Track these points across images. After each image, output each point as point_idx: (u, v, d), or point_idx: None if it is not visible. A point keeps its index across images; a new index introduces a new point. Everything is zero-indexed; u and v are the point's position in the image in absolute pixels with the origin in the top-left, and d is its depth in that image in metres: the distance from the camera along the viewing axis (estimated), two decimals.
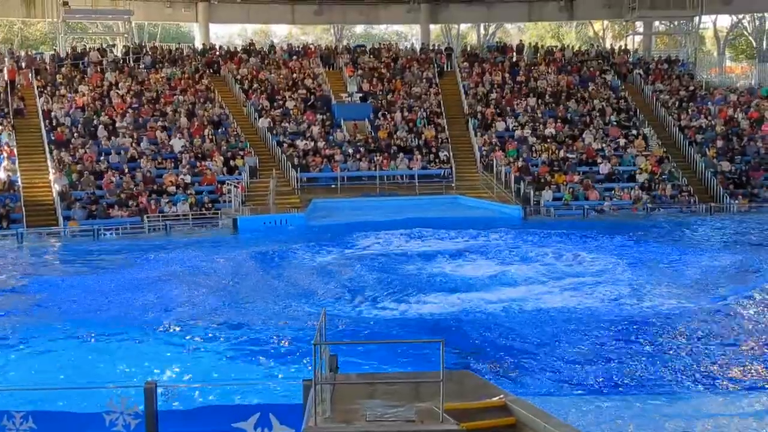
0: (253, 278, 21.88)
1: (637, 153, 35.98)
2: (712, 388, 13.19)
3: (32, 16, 45.07)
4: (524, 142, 36.57)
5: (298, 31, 68.45)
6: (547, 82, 41.51)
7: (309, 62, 42.42)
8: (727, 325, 16.66)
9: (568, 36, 71.67)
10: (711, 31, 66.82)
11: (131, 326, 16.93)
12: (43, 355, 15.10)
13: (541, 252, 24.65)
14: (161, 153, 33.71)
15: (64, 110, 35.17)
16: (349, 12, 49.52)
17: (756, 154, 36.01)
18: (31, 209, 29.80)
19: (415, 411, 8.15)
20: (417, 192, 33.90)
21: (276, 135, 36.18)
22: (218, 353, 15.15)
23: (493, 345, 15.33)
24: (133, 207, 29.94)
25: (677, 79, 43.06)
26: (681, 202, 32.99)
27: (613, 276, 21.36)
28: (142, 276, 22.10)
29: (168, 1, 45.98)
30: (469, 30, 72.03)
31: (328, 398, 8.49)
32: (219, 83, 40.16)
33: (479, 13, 50.49)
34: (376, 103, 39.25)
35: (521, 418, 8.15)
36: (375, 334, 16.01)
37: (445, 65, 43.93)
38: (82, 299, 19.50)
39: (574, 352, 14.80)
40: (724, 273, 21.81)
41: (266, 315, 17.95)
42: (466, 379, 9.55)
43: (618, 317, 17.22)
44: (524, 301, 18.71)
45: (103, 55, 40.90)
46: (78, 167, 31.66)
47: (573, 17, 53.28)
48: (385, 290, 19.90)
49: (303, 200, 32.47)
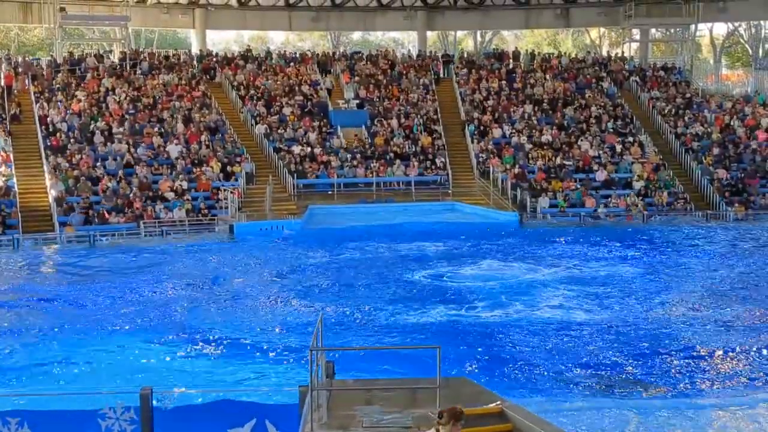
0: (250, 284, 21.85)
1: (634, 160, 36.00)
2: (711, 394, 13.20)
3: (29, 22, 44.96)
4: (521, 149, 36.58)
5: (295, 37, 68.52)
6: (543, 89, 41.55)
7: (306, 68, 42.45)
8: (727, 332, 16.66)
9: (564, 43, 71.85)
10: (707, 39, 66.95)
11: (126, 331, 16.89)
12: (37, 361, 15.04)
13: (538, 259, 24.67)
14: (158, 159, 33.67)
15: (60, 116, 35.12)
16: (346, 19, 49.59)
17: (752, 162, 36.04)
18: (28, 215, 29.69)
19: (411, 417, 8.14)
20: (414, 198, 33.85)
21: (272, 141, 36.16)
22: (214, 359, 15.11)
23: (491, 351, 15.31)
24: (129, 213, 29.90)
25: (673, 86, 43.12)
26: (677, 209, 33.01)
27: (611, 283, 21.36)
28: (137, 282, 22.08)
29: (165, 7, 45.97)
30: (465, 37, 72.14)
31: (325, 404, 8.48)
32: (216, 89, 40.13)
33: (476, 20, 50.52)
34: (372, 110, 39.26)
35: (518, 424, 8.15)
36: (372, 340, 16.00)
37: (441, 72, 43.98)
38: (78, 305, 19.45)
39: (571, 358, 14.79)
40: (725, 280, 21.85)
41: (263, 320, 17.94)
42: (463, 385, 9.54)
43: (616, 324, 17.20)
44: (521, 307, 18.71)
45: (99, 60, 40.88)
46: (74, 173, 31.60)
47: (569, 25, 53.44)
48: (381, 296, 19.89)
49: (299, 206, 32.40)
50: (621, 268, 23.30)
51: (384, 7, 48.49)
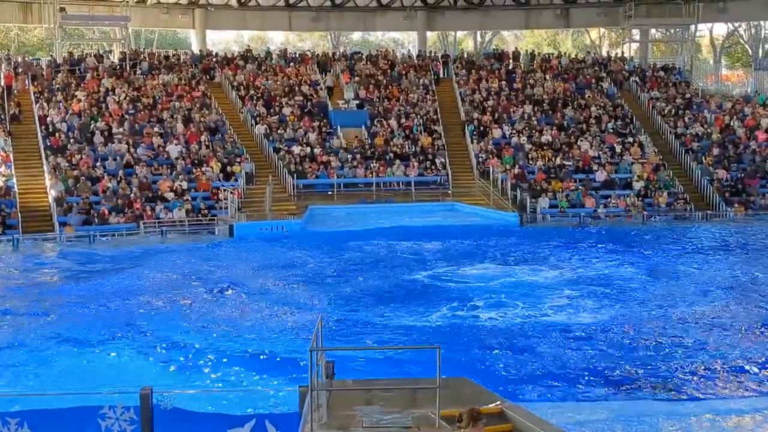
0: (250, 284, 21.81)
1: (634, 160, 35.99)
2: (712, 394, 13.17)
3: (29, 22, 44.96)
4: (521, 149, 36.57)
5: (295, 37, 68.49)
6: (543, 90, 41.54)
7: (306, 69, 42.44)
8: (726, 331, 16.65)
9: (564, 44, 71.84)
10: (707, 39, 66.95)
11: (126, 332, 16.86)
12: (38, 361, 15.02)
13: (538, 259, 24.66)
14: (158, 159, 33.66)
15: (60, 116, 35.11)
16: (346, 19, 49.61)
17: (752, 162, 36.04)
18: (28, 215, 29.68)
19: (411, 417, 8.13)
20: (413, 199, 33.86)
21: (272, 141, 36.15)
22: (214, 359, 15.08)
23: (491, 352, 15.29)
24: (129, 213, 29.88)
25: (673, 86, 43.12)
26: (677, 209, 32.99)
27: (612, 284, 21.34)
28: (137, 282, 22.04)
29: (165, 7, 45.97)
30: (465, 37, 72.12)
31: (325, 404, 8.47)
32: (215, 89, 40.12)
33: (476, 20, 50.54)
34: (372, 110, 39.25)
35: (518, 424, 8.14)
36: (372, 340, 15.99)
37: (441, 72, 43.97)
38: (77, 306, 19.42)
39: (572, 359, 14.77)
40: (724, 281, 21.84)
41: (262, 321, 17.91)
42: (464, 385, 9.53)
43: (617, 324, 17.19)
44: (522, 308, 18.69)
45: (99, 61, 40.88)
46: (74, 173, 31.60)
47: (569, 25, 53.47)
48: (382, 296, 19.87)
49: (299, 207, 32.40)
50: (621, 268, 23.28)
51: (384, 8, 48.50)
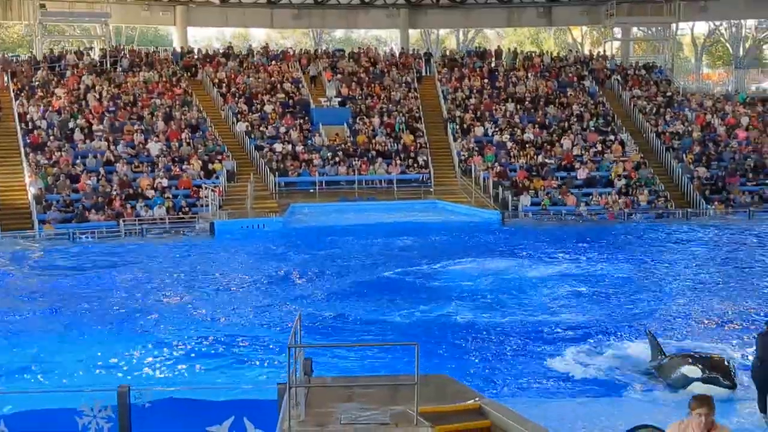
0: (230, 281, 21.77)
1: (615, 158, 36.12)
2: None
3: (8, 18, 44.59)
4: (502, 147, 36.62)
5: (277, 35, 68.33)
6: (525, 88, 41.63)
7: (288, 66, 42.33)
8: (714, 326, 16.74)
9: (546, 42, 72.03)
10: (688, 38, 67.28)
11: (105, 328, 16.77)
12: (14, 360, 14.91)
13: (520, 257, 24.69)
14: (138, 156, 33.48)
15: (40, 113, 34.86)
16: (328, 16, 49.53)
17: (732, 160, 36.25)
18: (6, 213, 29.48)
19: (389, 414, 8.10)
20: (396, 197, 33.83)
21: (254, 139, 36.02)
22: (192, 356, 15.01)
23: (470, 348, 15.30)
24: (109, 211, 29.69)
25: (655, 85, 43.32)
26: (658, 207, 33.13)
27: (594, 281, 21.38)
28: (115, 279, 21.97)
29: (146, 4, 45.73)
30: (448, 35, 72.17)
31: (303, 401, 8.43)
32: (197, 87, 39.96)
33: (458, 18, 50.65)
34: (354, 108, 39.20)
35: (496, 421, 8.12)
36: (351, 337, 15.95)
37: (423, 70, 43.98)
38: (57, 302, 19.30)
39: (551, 355, 14.79)
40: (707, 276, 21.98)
41: (242, 317, 17.87)
42: (443, 382, 9.50)
43: (599, 321, 17.23)
44: (503, 305, 18.71)
45: (80, 57, 40.63)
46: (54, 170, 31.38)
47: (551, 23, 53.65)
48: (361, 293, 19.83)
49: (281, 205, 32.28)
50: (603, 265, 23.34)
51: (366, 5, 48.45)
